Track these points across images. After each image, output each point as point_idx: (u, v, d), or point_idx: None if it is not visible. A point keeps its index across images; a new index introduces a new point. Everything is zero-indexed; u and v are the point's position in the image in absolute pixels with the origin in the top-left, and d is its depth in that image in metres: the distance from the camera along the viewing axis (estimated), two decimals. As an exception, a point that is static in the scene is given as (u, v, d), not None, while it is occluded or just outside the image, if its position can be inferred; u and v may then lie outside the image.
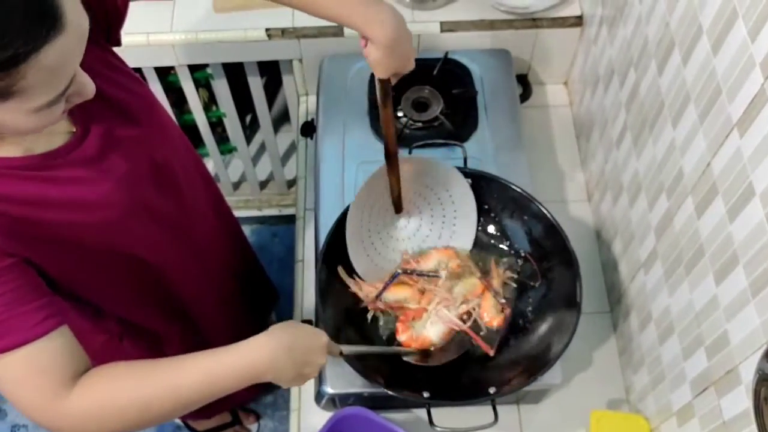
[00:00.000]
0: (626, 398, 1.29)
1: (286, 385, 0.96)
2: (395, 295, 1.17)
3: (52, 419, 0.85)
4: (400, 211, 1.23)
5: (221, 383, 0.89)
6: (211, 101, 1.90)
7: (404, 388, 1.08)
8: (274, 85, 2.03)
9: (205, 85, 1.83)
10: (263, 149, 2.11)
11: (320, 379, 1.16)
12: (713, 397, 0.94)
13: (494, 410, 1.09)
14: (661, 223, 1.09)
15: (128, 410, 0.86)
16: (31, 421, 0.91)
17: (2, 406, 2.09)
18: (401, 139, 1.37)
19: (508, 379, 1.10)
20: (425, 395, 1.08)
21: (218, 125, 1.96)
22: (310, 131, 1.52)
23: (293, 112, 1.74)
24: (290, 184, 2.11)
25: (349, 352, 1.04)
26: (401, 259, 1.23)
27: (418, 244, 1.25)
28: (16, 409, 0.84)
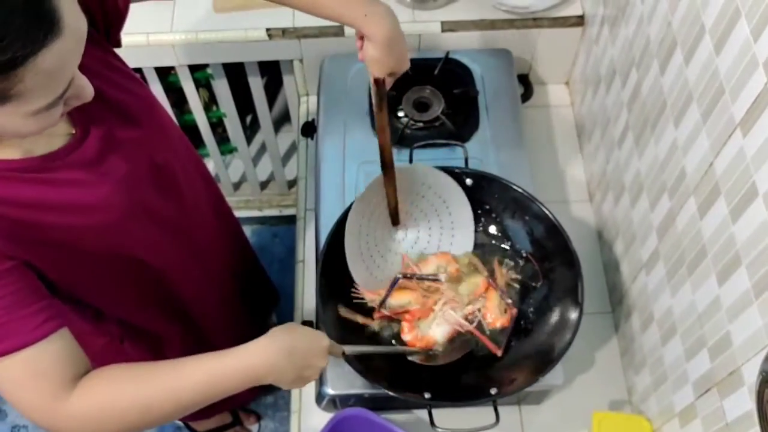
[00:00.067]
0: (628, 399, 1.29)
1: (286, 387, 0.96)
2: (399, 300, 1.17)
3: (52, 421, 0.85)
4: (397, 223, 1.23)
5: (222, 385, 0.89)
6: (211, 101, 1.90)
7: (405, 389, 1.08)
8: (274, 85, 2.02)
9: (205, 85, 1.83)
10: (264, 149, 2.10)
11: (321, 380, 1.16)
12: (716, 398, 0.93)
13: (495, 411, 1.09)
14: (663, 223, 1.08)
15: (129, 412, 0.86)
16: (31, 422, 0.90)
17: (2, 407, 2.09)
18: (402, 139, 1.37)
19: (509, 379, 1.10)
20: (426, 396, 1.08)
21: (219, 125, 1.96)
22: (310, 131, 1.52)
23: (294, 112, 1.74)
24: (291, 184, 2.11)
25: (352, 352, 1.03)
26: (401, 266, 1.22)
27: (417, 255, 1.24)
28: (16, 410, 0.84)
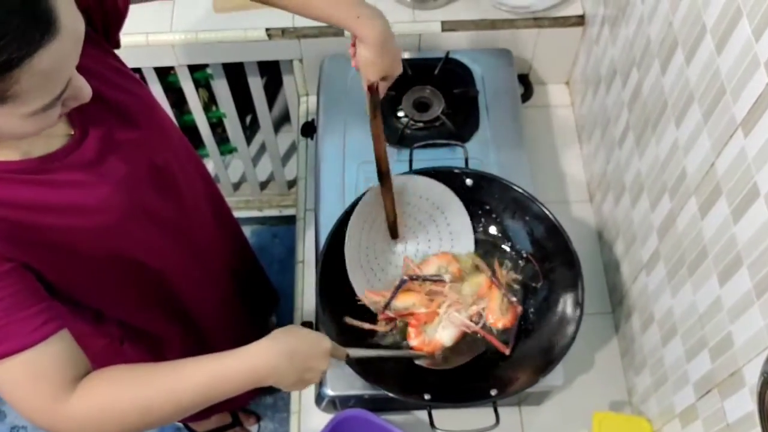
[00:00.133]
0: (629, 400, 1.28)
1: (287, 389, 0.96)
2: (404, 302, 1.17)
3: (52, 422, 0.85)
4: (396, 236, 1.23)
5: (222, 387, 0.88)
6: (211, 101, 1.90)
7: (405, 390, 1.08)
8: (274, 85, 2.02)
9: (205, 85, 1.83)
10: (263, 150, 2.10)
11: (321, 381, 1.16)
12: (717, 399, 0.93)
13: (495, 412, 1.09)
14: (663, 223, 1.08)
15: (129, 414, 0.86)
16: (31, 424, 0.90)
17: (1, 407, 2.09)
18: (402, 139, 1.37)
19: (509, 380, 1.10)
20: (426, 397, 1.08)
21: (218, 126, 1.95)
22: (310, 131, 1.52)
23: (293, 112, 1.74)
24: (291, 184, 2.11)
25: (355, 355, 1.03)
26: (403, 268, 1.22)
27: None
28: (15, 412, 0.84)
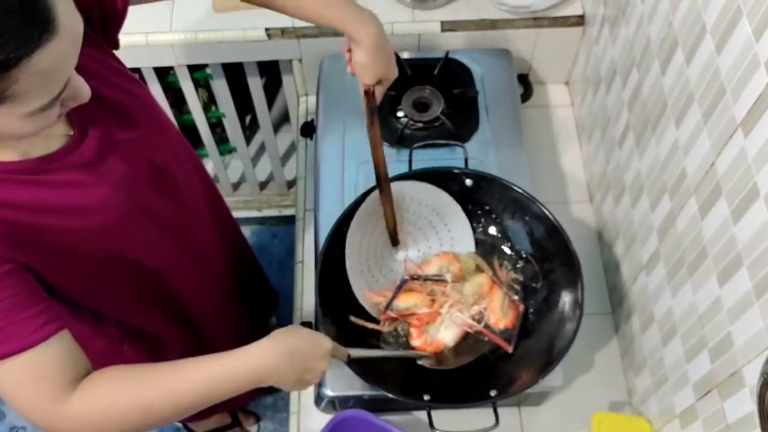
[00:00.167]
0: (628, 400, 1.28)
1: (287, 389, 0.96)
2: (405, 302, 1.17)
3: (52, 423, 0.85)
4: (397, 243, 1.23)
5: (223, 387, 0.88)
6: (210, 101, 1.89)
7: (405, 391, 1.08)
8: (273, 85, 2.02)
9: (204, 85, 1.83)
10: (263, 150, 2.10)
11: (320, 381, 1.16)
12: (716, 400, 0.93)
13: (495, 413, 1.09)
14: (663, 224, 1.08)
15: (129, 414, 0.86)
16: (31, 424, 0.90)
17: (0, 407, 2.08)
18: (402, 139, 1.37)
19: (509, 381, 1.10)
20: (426, 398, 1.08)
21: (218, 126, 1.95)
22: (309, 131, 1.52)
23: (293, 112, 1.74)
24: (290, 184, 2.11)
25: (357, 355, 1.03)
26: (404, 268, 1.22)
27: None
28: (15, 412, 0.84)
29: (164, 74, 1.70)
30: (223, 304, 1.43)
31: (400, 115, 1.39)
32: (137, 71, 1.59)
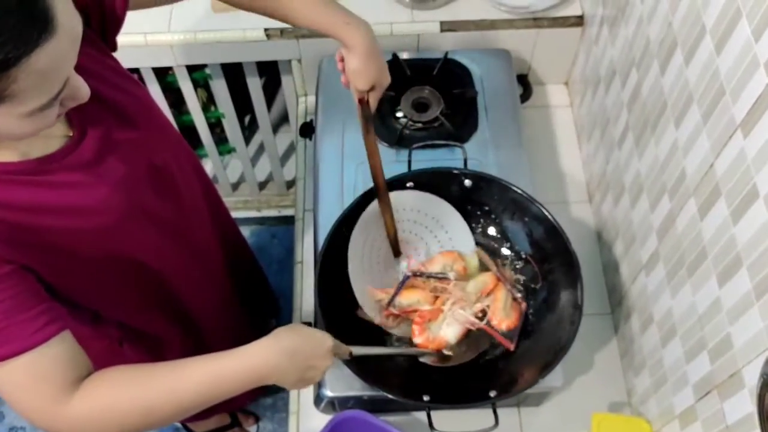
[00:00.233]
0: (628, 401, 1.28)
1: (289, 388, 0.96)
2: (408, 299, 1.17)
3: (53, 424, 0.85)
4: (398, 254, 1.23)
5: (224, 387, 0.88)
6: (209, 102, 1.89)
7: (404, 391, 1.07)
8: (272, 85, 2.02)
9: (203, 85, 1.82)
10: (262, 150, 2.10)
11: (320, 381, 1.15)
12: (716, 400, 0.93)
13: (495, 413, 1.09)
14: (663, 224, 1.08)
15: (130, 414, 0.86)
16: (32, 425, 0.90)
17: (0, 408, 2.08)
18: (401, 139, 1.37)
19: (509, 381, 1.10)
20: (425, 399, 1.07)
21: (217, 126, 1.95)
22: (309, 132, 1.51)
23: (292, 112, 1.74)
24: (289, 184, 2.11)
25: (359, 353, 1.03)
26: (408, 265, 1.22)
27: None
28: (16, 413, 0.84)
29: (163, 74, 1.70)
30: (222, 304, 1.43)
31: (399, 115, 1.39)
32: (136, 71, 1.59)
